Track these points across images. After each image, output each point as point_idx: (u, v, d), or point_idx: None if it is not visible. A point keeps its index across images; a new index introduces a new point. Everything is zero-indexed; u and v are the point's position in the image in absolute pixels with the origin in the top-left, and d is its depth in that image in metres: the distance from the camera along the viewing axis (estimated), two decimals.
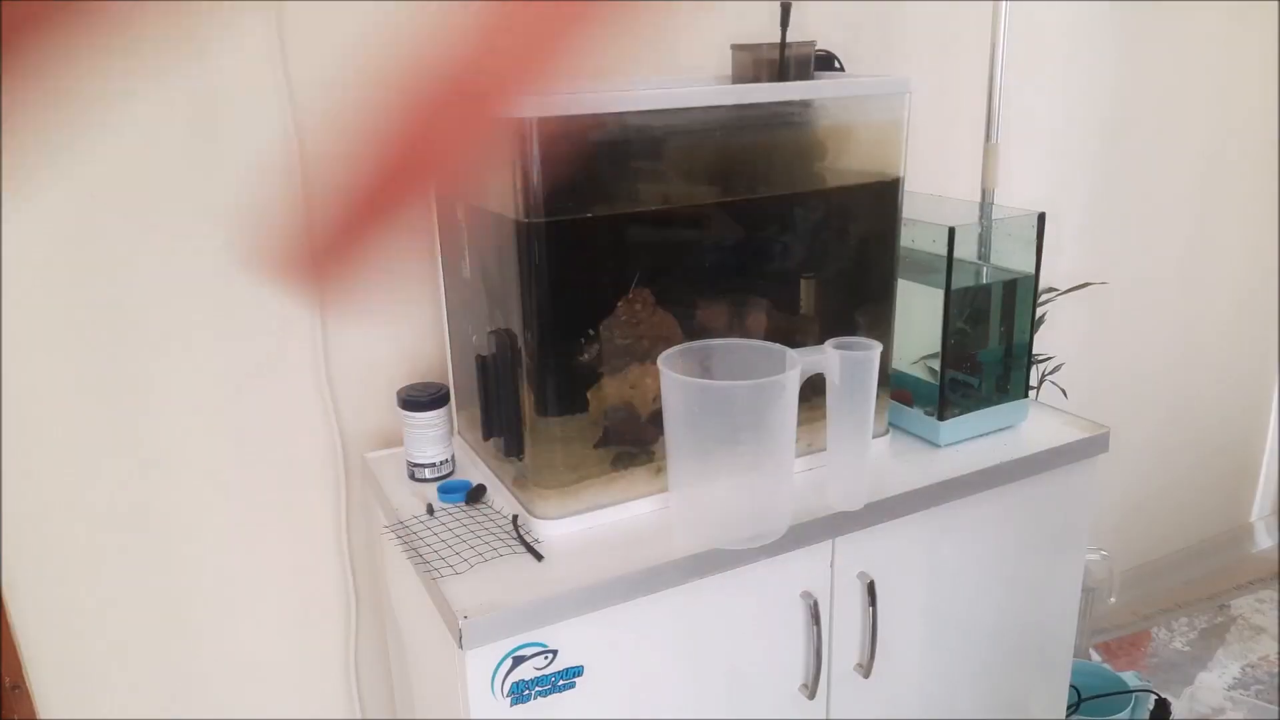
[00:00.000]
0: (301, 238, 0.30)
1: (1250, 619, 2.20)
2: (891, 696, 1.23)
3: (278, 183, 1.19)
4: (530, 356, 1.02)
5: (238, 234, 1.19)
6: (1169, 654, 2.09)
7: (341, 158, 0.28)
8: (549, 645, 0.96)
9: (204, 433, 1.24)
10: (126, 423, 1.19)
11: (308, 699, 1.41)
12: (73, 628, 1.23)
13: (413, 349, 1.34)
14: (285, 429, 1.28)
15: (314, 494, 1.33)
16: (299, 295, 1.24)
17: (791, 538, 1.06)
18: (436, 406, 1.16)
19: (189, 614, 1.29)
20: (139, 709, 1.29)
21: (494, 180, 0.99)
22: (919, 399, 1.32)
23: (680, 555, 1.01)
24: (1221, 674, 2.02)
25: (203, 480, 1.25)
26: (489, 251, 1.07)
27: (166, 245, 1.16)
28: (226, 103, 1.14)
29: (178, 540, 1.26)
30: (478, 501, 1.13)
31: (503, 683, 0.95)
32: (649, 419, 1.09)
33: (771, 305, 1.15)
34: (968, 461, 1.20)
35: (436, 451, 1.18)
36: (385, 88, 0.28)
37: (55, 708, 1.24)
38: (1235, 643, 2.11)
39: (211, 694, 1.33)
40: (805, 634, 1.12)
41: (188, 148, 1.14)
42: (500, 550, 1.02)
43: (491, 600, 0.94)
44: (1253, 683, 1.99)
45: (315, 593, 1.37)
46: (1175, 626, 2.18)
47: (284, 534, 1.32)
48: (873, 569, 1.13)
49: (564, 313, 1.01)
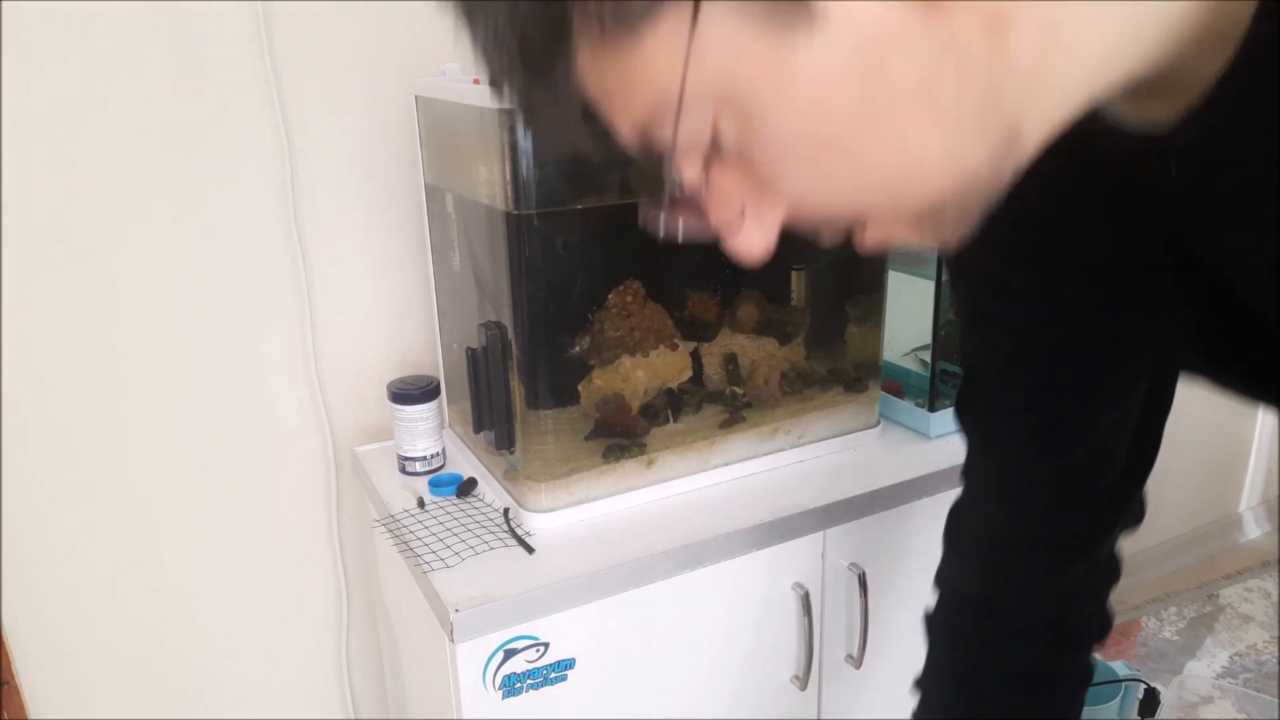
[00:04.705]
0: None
1: (1239, 608, 2.21)
2: (883, 687, 1.23)
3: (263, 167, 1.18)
4: (521, 349, 1.02)
5: (226, 226, 1.18)
6: (1158, 643, 2.10)
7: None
8: (540, 638, 0.96)
9: (192, 428, 1.23)
10: (114, 418, 1.18)
11: (299, 694, 1.40)
12: (62, 625, 1.22)
13: (403, 342, 1.33)
14: (275, 422, 1.28)
15: (304, 488, 1.32)
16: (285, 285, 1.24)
17: (783, 529, 1.07)
18: (427, 400, 1.16)
19: (179, 609, 1.28)
20: (129, 705, 1.28)
21: (483, 171, 0.99)
22: (910, 390, 1.32)
23: (671, 547, 1.01)
24: (1210, 663, 2.03)
25: (192, 475, 1.25)
26: (479, 244, 1.07)
27: (153, 235, 1.15)
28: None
29: (167, 536, 1.25)
30: (468, 495, 1.13)
31: (494, 676, 0.95)
32: (640, 411, 1.09)
33: (762, 297, 1.15)
34: (958, 452, 1.19)
35: (427, 445, 1.18)
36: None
37: (45, 705, 1.23)
38: (1224, 631, 2.13)
39: (202, 689, 1.33)
40: (797, 625, 1.12)
41: (167, 139, 1.13)
42: (491, 543, 1.02)
43: (483, 593, 0.93)
44: (1241, 671, 2.00)
45: (306, 587, 1.36)
46: (1164, 616, 2.19)
47: (275, 528, 1.32)
48: (864, 560, 1.13)
49: (554, 305, 1.01)
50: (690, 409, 1.13)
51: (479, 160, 1.00)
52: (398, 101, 1.22)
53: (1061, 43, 0.35)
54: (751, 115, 0.36)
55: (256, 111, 1.16)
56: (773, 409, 1.17)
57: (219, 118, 1.14)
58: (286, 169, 1.19)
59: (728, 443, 1.15)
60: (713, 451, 1.14)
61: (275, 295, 1.23)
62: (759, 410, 1.16)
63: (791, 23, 0.33)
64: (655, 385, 1.10)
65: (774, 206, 0.40)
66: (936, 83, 0.35)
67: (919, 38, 0.34)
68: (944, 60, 0.34)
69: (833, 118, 0.36)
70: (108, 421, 1.18)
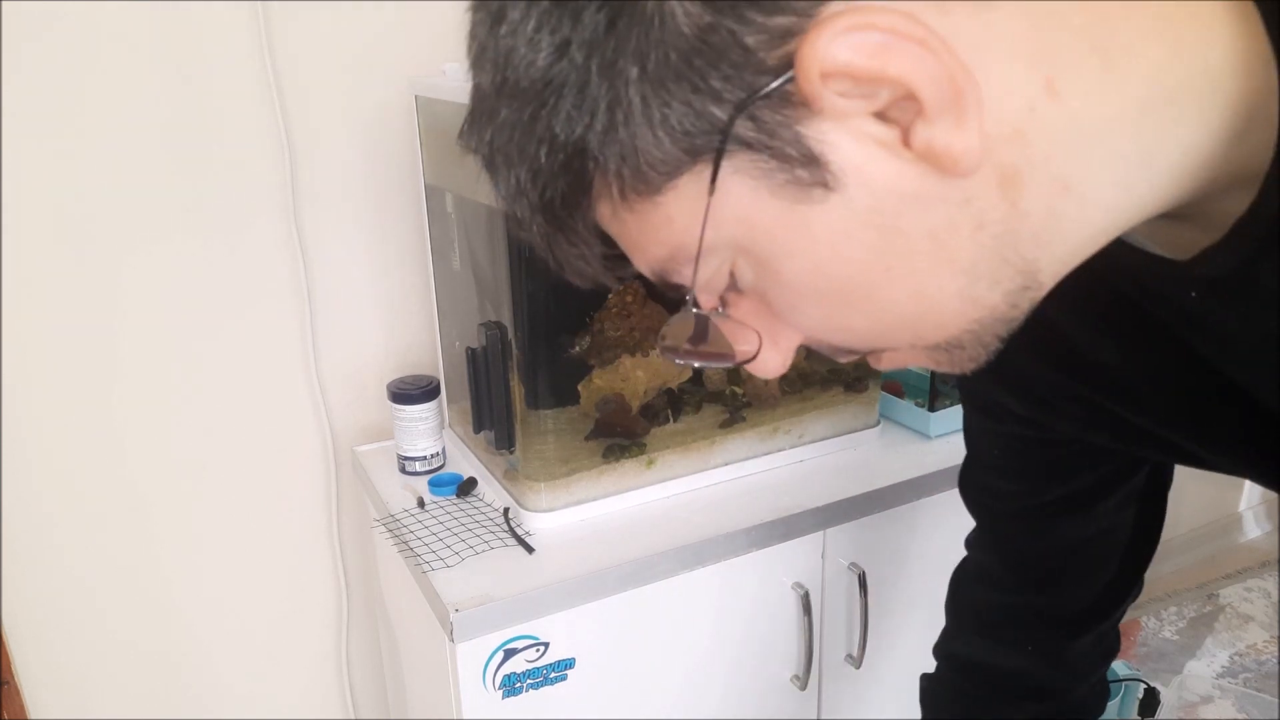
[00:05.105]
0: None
1: (1239, 608, 2.21)
2: (883, 687, 1.23)
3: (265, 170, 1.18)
4: (521, 349, 1.02)
5: (226, 227, 1.18)
6: (1158, 643, 2.10)
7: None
8: (540, 638, 0.96)
9: (192, 428, 1.23)
10: (114, 417, 1.18)
11: (299, 694, 1.40)
12: (62, 625, 1.22)
13: (403, 342, 1.33)
14: (275, 422, 1.28)
15: (304, 488, 1.32)
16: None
17: (783, 529, 1.07)
18: (427, 399, 1.16)
19: (179, 610, 1.28)
20: (129, 705, 1.28)
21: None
22: (909, 390, 1.32)
23: (671, 547, 1.01)
24: (1210, 662, 2.03)
25: (192, 475, 1.24)
26: (479, 243, 1.07)
27: (152, 236, 1.15)
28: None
29: (167, 536, 1.25)
30: (468, 494, 1.13)
31: (494, 675, 0.95)
32: (640, 411, 1.09)
33: None
34: (958, 452, 1.20)
35: (427, 445, 1.18)
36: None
37: (45, 705, 1.23)
38: (1224, 631, 2.13)
39: (202, 689, 1.33)
40: (797, 625, 1.12)
41: (174, 153, 1.13)
42: (491, 543, 1.02)
43: (483, 593, 0.93)
44: (1241, 671, 2.00)
45: (306, 587, 1.36)
46: (1164, 615, 2.19)
47: (274, 528, 1.32)
48: (864, 560, 1.13)
49: (554, 305, 1.01)
50: (690, 409, 1.13)
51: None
52: (398, 101, 1.22)
53: (1074, 191, 0.35)
54: (767, 264, 0.37)
55: (256, 112, 1.16)
56: (773, 409, 1.17)
57: (219, 118, 1.14)
58: (286, 169, 1.19)
59: (728, 442, 1.15)
60: (713, 451, 1.14)
61: (275, 295, 1.23)
62: (759, 410, 1.16)
63: (809, 185, 0.34)
64: (655, 385, 1.10)
65: (790, 334, 0.41)
66: (951, 236, 0.35)
67: (933, 195, 0.34)
68: (959, 215, 0.35)
69: (848, 268, 0.36)
70: (108, 421, 1.18)
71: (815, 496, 1.10)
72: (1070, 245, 0.37)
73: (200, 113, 1.13)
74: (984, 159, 0.33)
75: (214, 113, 1.14)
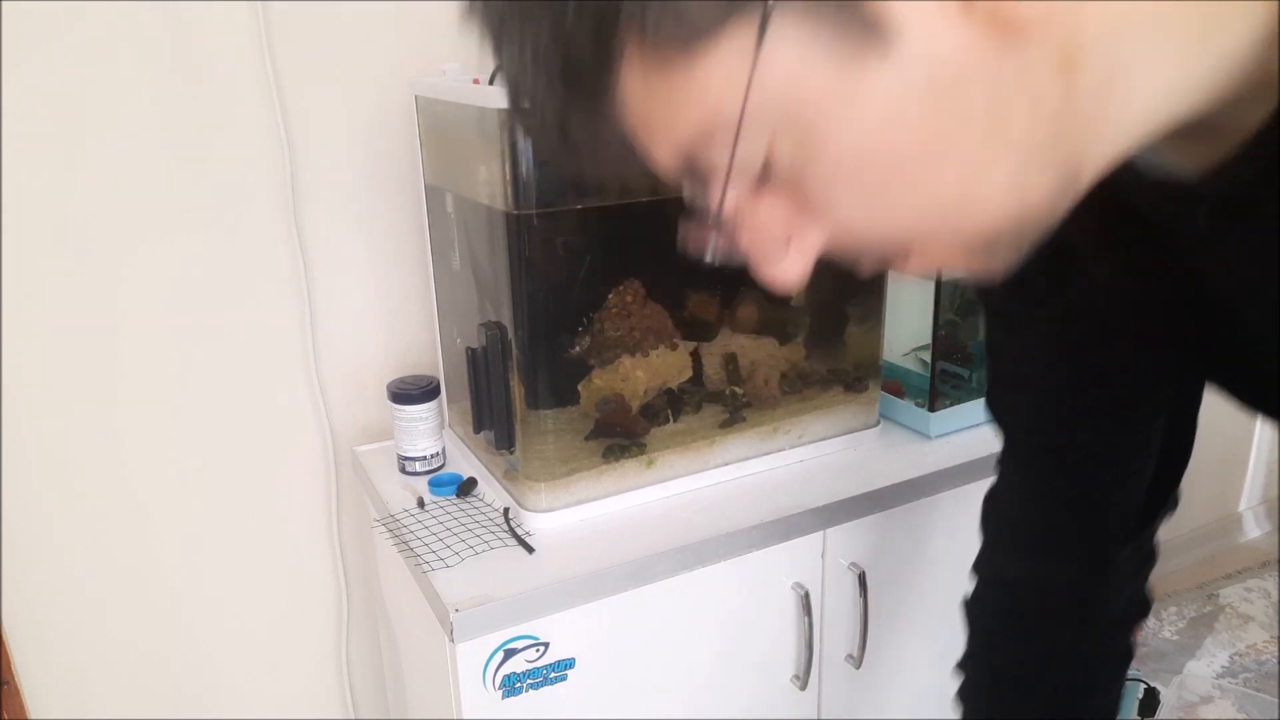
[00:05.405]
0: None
1: (1239, 608, 2.21)
2: (883, 687, 1.23)
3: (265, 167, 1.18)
4: (521, 349, 1.02)
5: (226, 227, 1.18)
6: (1158, 643, 2.10)
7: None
8: (540, 638, 0.96)
9: (192, 428, 1.23)
10: (114, 418, 1.18)
11: (299, 694, 1.40)
12: (62, 625, 1.22)
13: (403, 342, 1.33)
14: (275, 423, 1.28)
15: (304, 488, 1.32)
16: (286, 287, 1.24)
17: (783, 529, 1.07)
18: (427, 399, 1.16)
19: (179, 610, 1.28)
20: (129, 705, 1.28)
21: (483, 171, 0.99)
22: (910, 390, 1.32)
23: (671, 547, 1.01)
24: (1210, 663, 2.03)
25: (192, 475, 1.25)
26: (479, 244, 1.07)
27: (152, 236, 1.15)
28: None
29: (167, 536, 1.25)
30: (468, 494, 1.13)
31: (494, 675, 0.95)
32: (640, 411, 1.09)
33: (762, 297, 1.15)
34: (958, 452, 1.21)
35: (427, 445, 1.18)
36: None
37: (45, 705, 1.23)
38: (1224, 631, 2.13)
39: (202, 689, 1.33)
40: (797, 625, 1.12)
41: (173, 152, 1.13)
42: (491, 543, 1.02)
43: (483, 593, 0.93)
44: (1241, 671, 2.00)
45: (306, 587, 1.36)
46: (1164, 615, 2.19)
47: (274, 528, 1.32)
48: (864, 560, 1.13)
49: (554, 305, 1.01)
50: (690, 409, 1.13)
51: (479, 160, 1.00)
52: (398, 101, 1.22)
53: (1120, 85, 0.35)
54: (812, 138, 0.35)
55: (256, 111, 1.16)
56: (773, 409, 1.17)
57: (219, 118, 1.14)
58: (286, 169, 1.19)
59: (728, 442, 1.15)
60: (713, 451, 1.14)
61: (275, 295, 1.23)
62: (759, 410, 1.16)
63: (864, 46, 0.32)
64: (655, 385, 1.10)
65: (817, 235, 0.39)
66: (1008, 116, 0.34)
67: (993, 70, 0.33)
68: (1017, 93, 0.34)
69: (899, 144, 0.34)
70: (108, 421, 1.18)
71: (815, 496, 1.10)
72: (1108, 142, 0.37)
73: (200, 113, 1.13)
74: (1045, 31, 0.33)
75: (214, 113, 1.14)
